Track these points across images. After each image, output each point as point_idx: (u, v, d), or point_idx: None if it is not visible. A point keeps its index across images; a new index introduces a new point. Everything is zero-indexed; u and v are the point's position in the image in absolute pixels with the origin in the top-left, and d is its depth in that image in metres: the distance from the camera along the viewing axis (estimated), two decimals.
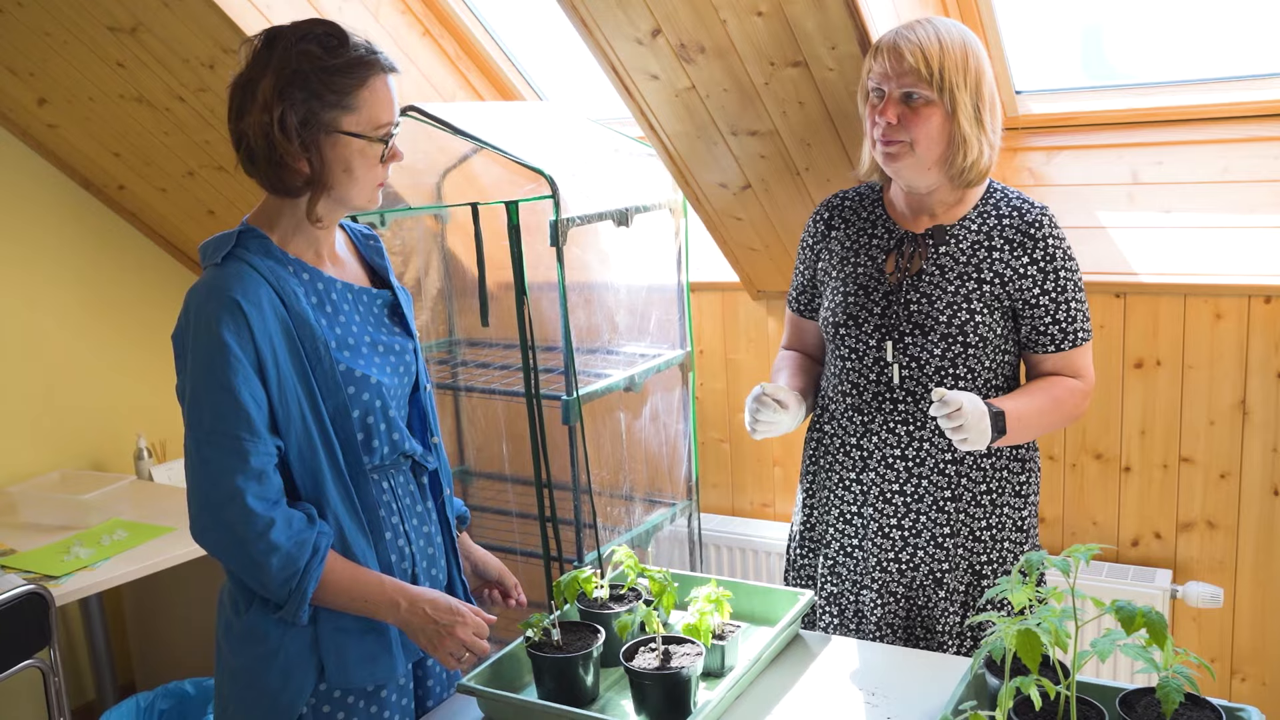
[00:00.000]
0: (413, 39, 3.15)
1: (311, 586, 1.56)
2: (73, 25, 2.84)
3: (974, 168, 1.88)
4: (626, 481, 3.03)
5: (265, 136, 1.53)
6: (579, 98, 3.33)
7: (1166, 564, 2.67)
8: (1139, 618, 1.18)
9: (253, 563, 1.54)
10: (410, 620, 1.61)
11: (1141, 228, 2.60)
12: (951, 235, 1.91)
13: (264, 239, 1.60)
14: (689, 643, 1.73)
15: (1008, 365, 1.94)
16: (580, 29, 2.38)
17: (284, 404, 1.56)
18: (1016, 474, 1.95)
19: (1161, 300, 2.58)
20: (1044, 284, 1.88)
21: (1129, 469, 2.69)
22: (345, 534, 1.62)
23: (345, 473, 1.62)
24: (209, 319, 1.53)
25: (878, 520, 1.96)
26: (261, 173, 1.58)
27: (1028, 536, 1.98)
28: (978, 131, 1.85)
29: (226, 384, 1.52)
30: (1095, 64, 2.82)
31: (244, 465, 1.52)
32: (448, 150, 3.10)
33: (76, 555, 2.78)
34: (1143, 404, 2.64)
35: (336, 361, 1.60)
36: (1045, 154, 2.77)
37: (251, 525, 1.52)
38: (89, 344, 3.58)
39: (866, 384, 1.95)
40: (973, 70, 1.84)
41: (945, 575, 1.94)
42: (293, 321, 1.57)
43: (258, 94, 1.53)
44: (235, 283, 1.54)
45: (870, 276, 1.96)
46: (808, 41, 2.25)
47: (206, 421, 1.53)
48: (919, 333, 1.89)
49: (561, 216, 2.52)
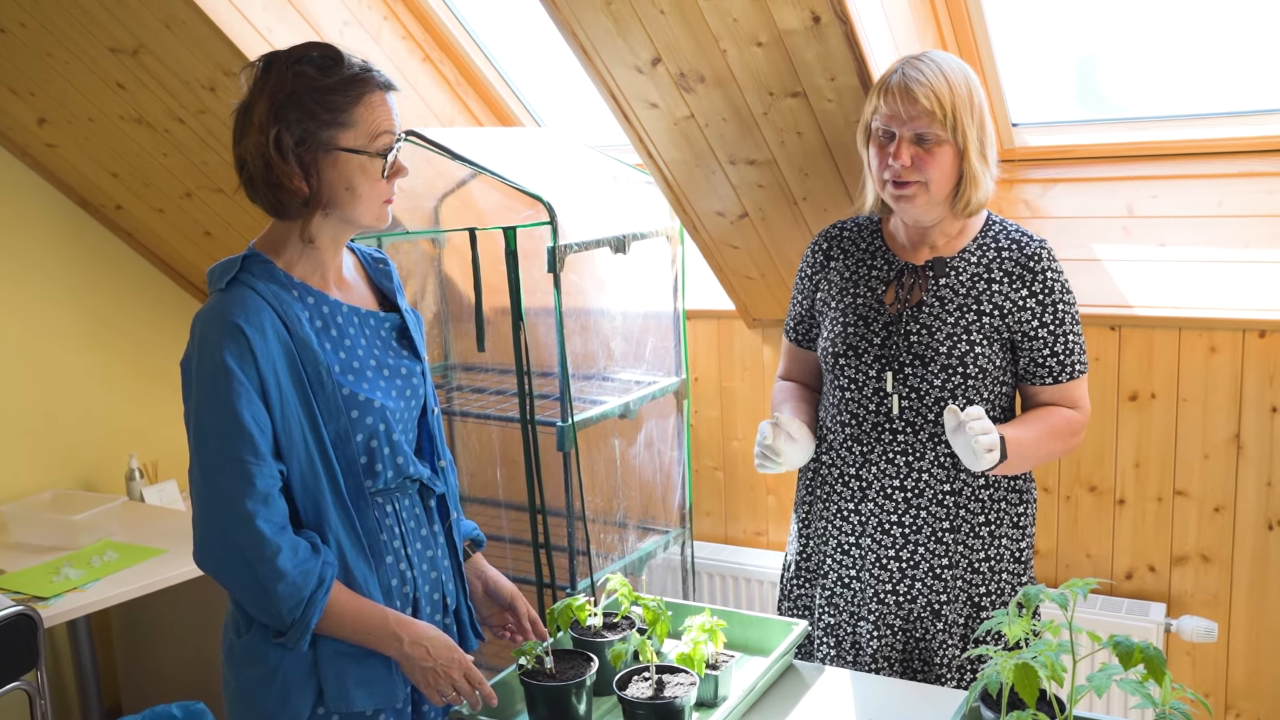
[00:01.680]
0: (413, 64, 3.16)
1: (316, 617, 1.56)
2: (75, 46, 2.85)
3: (978, 200, 1.90)
4: (620, 508, 3.02)
5: (262, 158, 1.55)
6: (578, 124, 3.35)
7: (1160, 597, 2.67)
8: (1137, 653, 1.18)
9: (260, 588, 1.54)
10: (410, 655, 1.61)
11: (1136, 260, 2.62)
12: (951, 267, 1.93)
13: (268, 263, 1.62)
14: (683, 672, 1.72)
15: (1005, 396, 1.95)
16: (580, 56, 2.39)
17: (286, 428, 1.57)
18: (1014, 505, 1.96)
19: (1156, 333, 2.59)
20: (1042, 316, 1.89)
21: (1123, 502, 2.69)
22: (346, 557, 1.62)
23: (346, 496, 1.62)
24: (212, 344, 1.54)
25: (875, 551, 1.96)
26: (261, 196, 1.59)
27: (1025, 568, 1.98)
28: (983, 165, 1.89)
29: (230, 408, 1.52)
30: (1089, 96, 2.84)
31: (250, 489, 1.52)
32: (446, 175, 3.11)
33: (66, 576, 2.76)
34: (1137, 437, 2.64)
35: (339, 385, 1.60)
36: (1041, 186, 2.78)
37: (261, 549, 1.52)
38: (83, 363, 3.57)
39: (866, 414, 1.95)
40: (977, 106, 1.87)
41: (944, 607, 1.93)
42: (295, 346, 1.58)
43: (253, 117, 1.56)
44: (238, 308, 1.56)
45: (870, 307, 1.96)
46: (807, 72, 2.26)
47: (212, 445, 1.54)
48: (919, 363, 1.90)
49: (559, 243, 2.52)
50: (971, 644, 1.93)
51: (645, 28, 2.26)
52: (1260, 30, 2.49)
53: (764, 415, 3.16)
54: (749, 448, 3.19)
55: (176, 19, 2.62)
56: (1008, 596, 1.95)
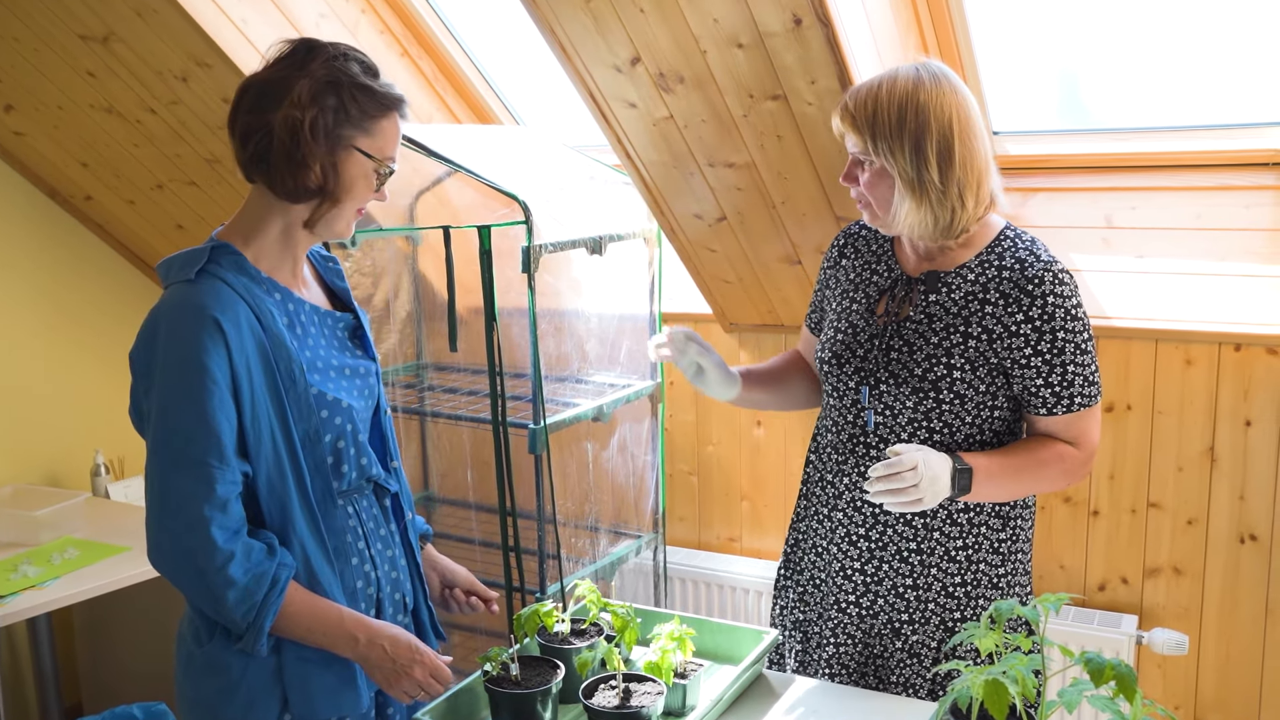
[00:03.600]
0: (391, 59, 3.12)
1: (269, 619, 1.52)
2: (43, 32, 2.79)
3: (946, 228, 1.77)
4: (592, 513, 3.00)
5: (293, 133, 1.52)
6: (556, 123, 3.32)
7: (1133, 609, 2.66)
8: (1108, 670, 1.16)
9: (210, 593, 1.51)
10: (368, 656, 1.58)
11: (1115, 271, 2.61)
12: (944, 283, 1.82)
13: (238, 255, 1.57)
14: (650, 681, 1.70)
15: (998, 420, 1.83)
16: (559, 54, 2.36)
17: (255, 428, 1.53)
18: (996, 530, 1.87)
19: (1133, 344, 2.58)
20: (1038, 344, 1.76)
21: (1097, 513, 2.68)
22: (310, 560, 1.59)
23: (313, 498, 1.59)
24: (185, 338, 1.49)
25: (841, 560, 1.93)
26: (275, 171, 1.55)
27: (1006, 594, 1.89)
28: (925, 192, 1.74)
29: (201, 408, 1.48)
30: (1071, 108, 2.83)
31: (210, 493, 1.49)
32: (421, 172, 3.07)
33: (25, 574, 2.70)
34: (1113, 448, 2.64)
35: (309, 385, 1.58)
36: (1022, 195, 2.78)
37: (212, 557, 1.48)
38: (50, 356, 3.51)
39: (844, 424, 1.91)
40: (911, 132, 1.72)
41: (905, 627, 1.88)
42: (269, 342, 1.55)
43: (292, 92, 1.53)
44: (213, 300, 1.51)
45: (861, 316, 1.90)
46: (787, 75, 2.24)
47: (176, 445, 1.49)
48: (893, 382, 1.82)
49: (534, 243, 2.49)
50: (942, 657, 1.90)
51: (625, 27, 2.24)
52: (1243, 44, 2.49)
53: (738, 421, 3.14)
54: (724, 452, 3.17)
55: (148, 6, 2.58)
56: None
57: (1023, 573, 1.92)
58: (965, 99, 1.78)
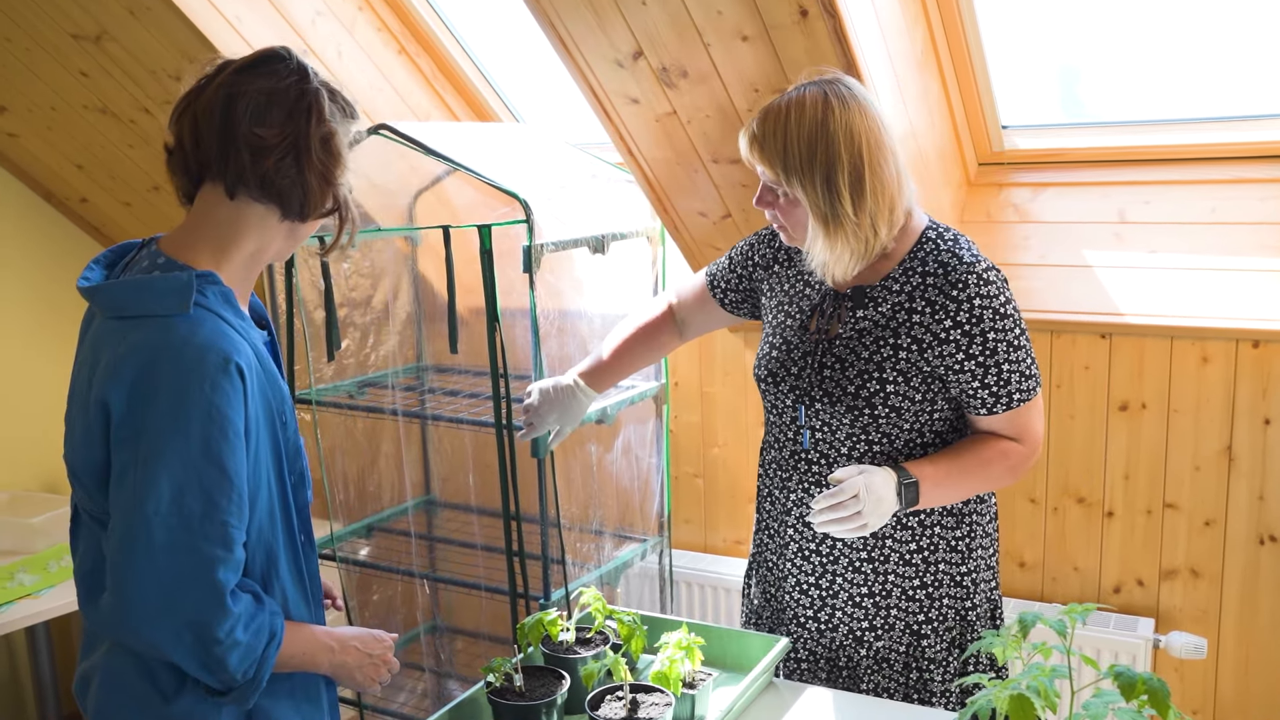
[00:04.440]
0: (388, 56, 3.08)
1: (268, 673, 1.44)
2: (35, 31, 2.75)
3: (860, 258, 1.74)
4: (597, 516, 2.95)
5: (328, 150, 1.46)
6: (557, 121, 3.27)
7: (1149, 612, 2.61)
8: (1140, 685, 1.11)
9: (209, 658, 1.38)
10: (345, 660, 1.57)
11: (1128, 267, 2.56)
12: (870, 298, 1.79)
13: (220, 285, 1.44)
14: (658, 691, 1.65)
15: (939, 421, 1.80)
16: (559, 49, 2.32)
17: (255, 475, 1.43)
18: (950, 529, 1.84)
19: (1148, 342, 2.53)
20: (969, 349, 1.73)
21: (1112, 514, 2.63)
22: (290, 607, 1.53)
23: (298, 541, 1.54)
24: (202, 385, 1.35)
25: (795, 576, 1.91)
26: (300, 187, 1.45)
27: (970, 592, 1.86)
28: (840, 224, 1.70)
29: (221, 463, 1.35)
30: (1072, 104, 2.78)
31: (229, 556, 1.37)
32: (420, 171, 3.02)
33: (20, 582, 2.66)
34: (1127, 448, 2.58)
35: (288, 425, 1.53)
36: (1031, 190, 2.72)
37: (221, 624, 1.36)
38: (46, 361, 3.46)
39: (785, 441, 1.89)
40: (822, 164, 1.69)
41: (866, 634, 1.85)
42: (270, 388, 1.47)
43: (318, 106, 1.45)
44: (222, 339, 1.38)
45: (795, 332, 1.87)
46: (793, 67, 2.19)
47: (190, 503, 1.34)
48: (827, 400, 1.79)
49: (535, 242, 2.44)
50: (959, 665, 1.86)
51: (626, 20, 2.19)
52: (1254, 36, 2.44)
53: (745, 422, 3.09)
54: (730, 455, 3.12)
55: (141, 5, 2.54)
56: (951, 623, 1.86)
57: (985, 568, 1.89)
58: (874, 118, 1.74)
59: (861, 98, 1.73)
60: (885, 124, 1.75)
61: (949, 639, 1.86)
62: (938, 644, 1.85)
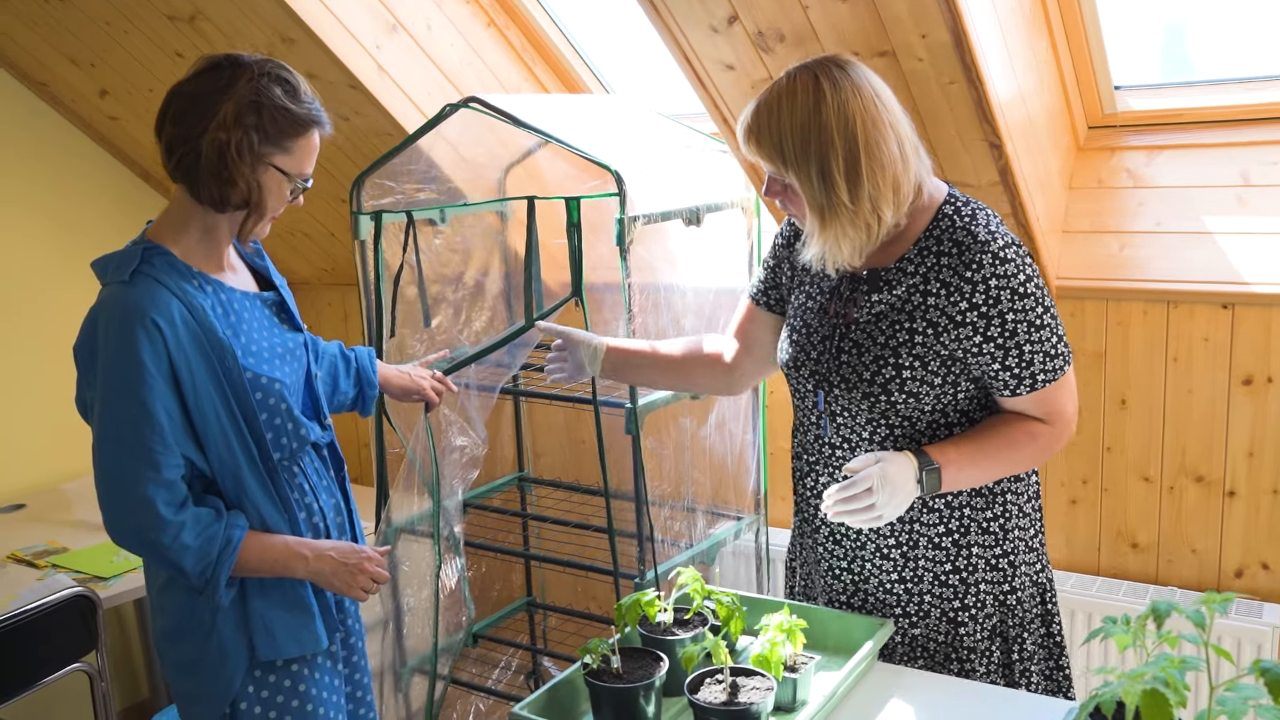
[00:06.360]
0: (477, 29, 3.05)
1: (225, 574, 1.72)
2: (132, 15, 2.78)
3: (862, 246, 1.68)
4: (690, 494, 2.90)
5: (220, 153, 1.66)
6: (649, 91, 3.21)
7: (1274, 598, 2.48)
8: None
9: (168, 560, 1.69)
10: (320, 569, 1.79)
11: (1252, 233, 2.42)
12: (885, 280, 1.72)
13: (168, 255, 1.72)
14: (759, 675, 1.61)
15: (964, 400, 1.72)
16: (652, 16, 2.26)
17: (200, 413, 1.70)
18: (981, 510, 1.76)
19: (1274, 312, 2.39)
20: (987, 331, 1.65)
21: (1234, 494, 2.50)
22: (266, 521, 1.78)
23: (261, 467, 1.77)
24: (124, 337, 1.64)
25: (827, 560, 1.86)
26: (203, 184, 1.69)
27: (1009, 576, 1.78)
28: (836, 214, 1.64)
29: (142, 400, 1.64)
30: (1180, 63, 2.63)
31: (156, 475, 1.66)
32: (511, 145, 3.00)
33: (126, 556, 2.72)
34: (1251, 424, 2.45)
35: (244, 369, 1.74)
36: (1145, 154, 2.59)
37: (164, 531, 1.66)
38: None
39: (808, 426, 1.84)
40: (816, 155, 1.62)
41: (900, 620, 1.80)
42: (204, 335, 1.70)
43: (218, 113, 1.66)
44: (149, 301, 1.66)
45: (815, 315, 1.81)
46: (897, 28, 2.10)
47: (123, 434, 1.65)
48: (845, 386, 1.73)
49: (628, 214, 2.39)
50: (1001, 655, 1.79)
51: None
52: None
53: None
54: None
55: None
56: (990, 610, 1.78)
57: (1026, 550, 1.80)
58: (869, 96, 1.65)
59: (855, 76, 1.66)
60: (884, 98, 1.67)
61: (989, 626, 1.78)
62: (977, 632, 1.78)
